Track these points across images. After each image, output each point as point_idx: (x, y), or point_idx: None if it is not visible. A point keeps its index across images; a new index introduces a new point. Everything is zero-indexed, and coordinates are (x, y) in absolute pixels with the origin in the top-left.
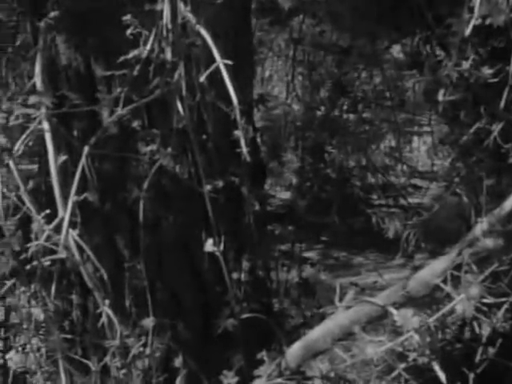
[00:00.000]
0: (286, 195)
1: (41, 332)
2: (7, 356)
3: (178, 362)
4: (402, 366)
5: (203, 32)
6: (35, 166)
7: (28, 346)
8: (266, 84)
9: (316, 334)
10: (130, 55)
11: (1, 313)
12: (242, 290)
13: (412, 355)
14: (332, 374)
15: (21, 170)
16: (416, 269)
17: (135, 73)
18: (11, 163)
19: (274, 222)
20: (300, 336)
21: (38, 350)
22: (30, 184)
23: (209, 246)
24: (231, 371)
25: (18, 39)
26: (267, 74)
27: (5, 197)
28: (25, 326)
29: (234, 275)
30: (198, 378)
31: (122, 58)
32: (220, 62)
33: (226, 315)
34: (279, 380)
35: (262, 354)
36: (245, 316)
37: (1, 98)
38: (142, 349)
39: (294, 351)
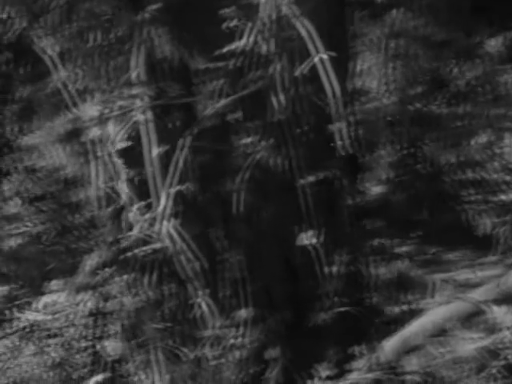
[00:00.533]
0: (377, 190)
1: (135, 321)
2: (101, 344)
3: (271, 353)
4: (495, 363)
5: (301, 25)
6: (132, 157)
7: (122, 335)
8: (359, 77)
9: (410, 329)
10: (228, 48)
11: (95, 301)
12: (334, 283)
13: (506, 353)
14: (425, 370)
15: (118, 161)
16: (510, 266)
17: (232, 66)
18: (111, 153)
19: (367, 216)
20: (391, 331)
21: (132, 338)
22: (128, 175)
23: (303, 239)
24: (324, 364)
25: (114, 32)
26: (361, 67)
27: (101, 188)
28: (119, 315)
29: (327, 269)
30: (289, 371)
31: (219, 51)
32: (317, 56)
33: (318, 309)
34: (371, 375)
35: (355, 349)
36: (337, 310)
37: (98, 90)
38: (235, 340)
39: (388, 346)
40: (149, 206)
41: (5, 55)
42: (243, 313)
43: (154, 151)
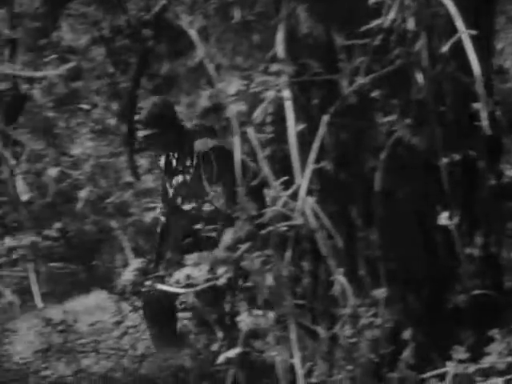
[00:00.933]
0: None
1: (272, 297)
2: (238, 318)
3: (406, 334)
4: None
5: (446, 2)
6: (273, 133)
7: (259, 310)
8: (502, 56)
9: None
10: (372, 25)
11: (231, 276)
12: (473, 265)
13: None
14: None
15: (258, 136)
16: None
17: (376, 42)
18: (250, 130)
19: (507, 198)
20: None
21: (268, 314)
22: (267, 151)
23: (443, 218)
24: (461, 346)
25: (256, 8)
26: (500, 46)
27: (240, 163)
28: (256, 290)
29: (467, 250)
30: (425, 352)
31: (363, 28)
32: (462, 33)
33: (457, 290)
34: (510, 359)
35: (493, 332)
36: (476, 292)
37: (240, 66)
38: (371, 319)
39: None
40: (288, 183)
41: (147, 31)
42: (380, 292)
43: (294, 128)
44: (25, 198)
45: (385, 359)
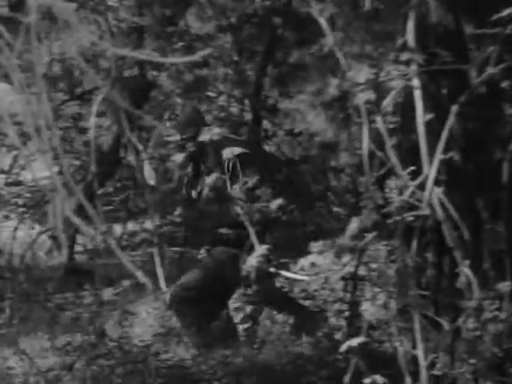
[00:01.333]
0: None
1: (396, 287)
2: (358, 308)
3: None
4: None
5: None
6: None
7: (381, 300)
8: None
9: None
10: (503, 13)
11: (354, 265)
12: None
13: None
14: None
15: (386, 126)
16: None
17: (507, 31)
18: (379, 119)
19: None
20: None
21: (391, 304)
22: (394, 140)
23: None
24: None
25: None
26: None
27: (366, 153)
28: (379, 280)
29: None
30: None
31: (494, 17)
32: None
33: None
34: None
35: None
36: None
37: (371, 55)
38: (496, 313)
39: None
40: (414, 173)
41: (276, 19)
42: (504, 285)
43: (423, 117)
44: (152, 182)
45: (508, 354)
